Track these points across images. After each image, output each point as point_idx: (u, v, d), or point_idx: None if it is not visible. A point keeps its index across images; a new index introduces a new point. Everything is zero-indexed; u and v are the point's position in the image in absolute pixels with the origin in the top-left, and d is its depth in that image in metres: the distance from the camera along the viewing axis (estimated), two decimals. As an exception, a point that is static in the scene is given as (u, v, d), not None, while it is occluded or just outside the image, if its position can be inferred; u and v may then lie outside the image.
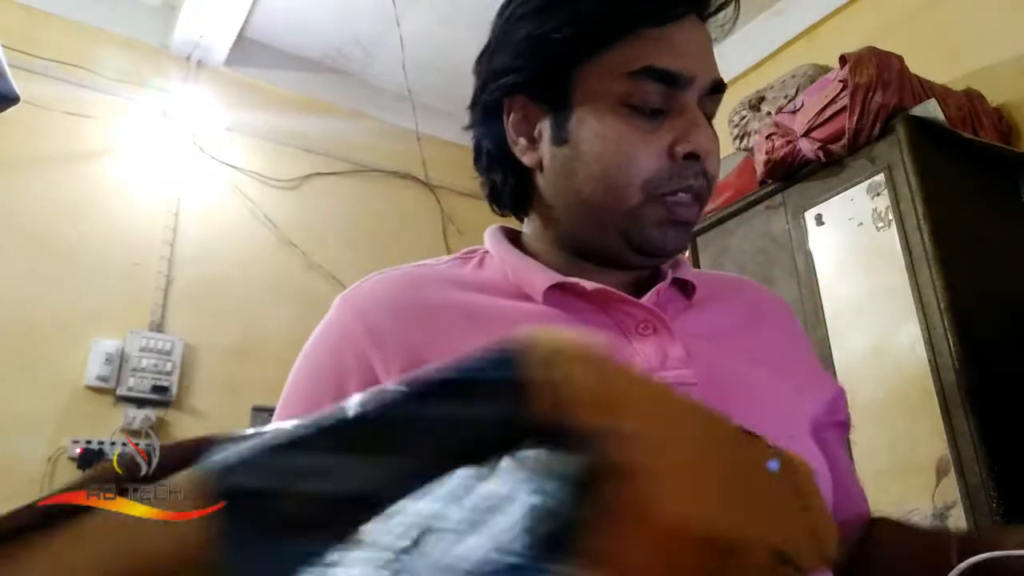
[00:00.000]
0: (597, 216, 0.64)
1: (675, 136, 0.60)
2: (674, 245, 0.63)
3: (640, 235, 0.62)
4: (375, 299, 0.65)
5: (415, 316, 0.62)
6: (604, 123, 0.62)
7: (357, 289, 0.67)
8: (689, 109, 0.61)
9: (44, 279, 2.08)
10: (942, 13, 1.95)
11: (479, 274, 0.68)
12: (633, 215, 0.61)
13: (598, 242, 0.65)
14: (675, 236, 0.62)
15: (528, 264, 0.65)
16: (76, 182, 2.21)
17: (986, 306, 1.43)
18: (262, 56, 2.66)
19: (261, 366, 2.33)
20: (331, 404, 0.63)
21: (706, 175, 0.62)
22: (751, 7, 2.43)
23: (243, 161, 2.56)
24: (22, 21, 2.23)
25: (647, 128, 0.61)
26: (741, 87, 2.45)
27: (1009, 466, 1.28)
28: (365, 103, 2.83)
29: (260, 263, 2.48)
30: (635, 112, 0.61)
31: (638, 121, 0.61)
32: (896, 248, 1.46)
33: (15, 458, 1.91)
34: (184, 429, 2.17)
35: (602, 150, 0.62)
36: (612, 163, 0.61)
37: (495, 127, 0.68)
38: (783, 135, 1.71)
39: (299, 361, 0.66)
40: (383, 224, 2.80)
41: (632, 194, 0.61)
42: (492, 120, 0.68)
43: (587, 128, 0.62)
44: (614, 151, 0.61)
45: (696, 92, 0.61)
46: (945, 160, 1.53)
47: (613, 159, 0.61)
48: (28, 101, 1.66)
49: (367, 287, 0.67)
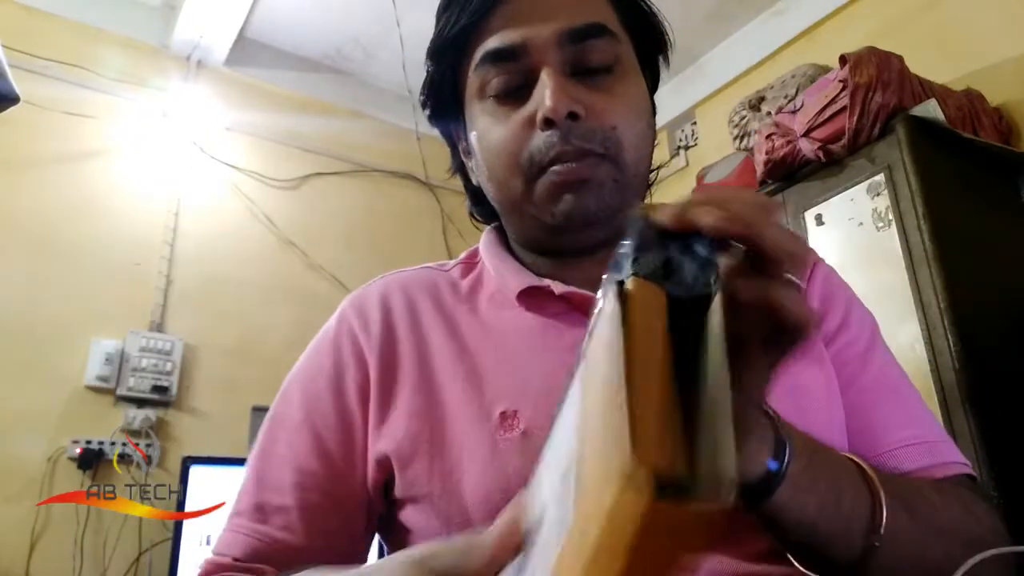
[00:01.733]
0: (510, 213, 0.65)
1: (535, 109, 0.58)
2: (581, 208, 0.58)
3: (543, 211, 0.60)
4: (375, 300, 0.66)
5: (406, 320, 0.64)
6: (478, 124, 0.63)
7: (363, 291, 0.69)
8: (538, 74, 0.58)
9: (44, 279, 2.08)
10: (942, 13, 1.95)
11: (476, 281, 0.69)
12: (527, 198, 0.60)
13: (531, 236, 0.65)
14: (575, 199, 0.58)
15: (508, 267, 0.66)
16: (76, 182, 2.21)
17: (986, 306, 1.43)
18: (262, 56, 2.66)
19: (261, 366, 2.32)
20: (330, 400, 0.63)
21: (588, 132, 0.57)
22: (751, 7, 2.43)
23: (243, 161, 2.56)
24: (22, 21, 2.23)
25: (510, 111, 0.60)
26: (741, 87, 2.45)
27: (1009, 466, 1.28)
28: (365, 103, 2.83)
29: (260, 263, 2.48)
30: (496, 100, 0.60)
31: (501, 108, 0.60)
32: (896, 248, 1.46)
33: (15, 458, 1.91)
34: (184, 429, 2.17)
35: (483, 149, 0.63)
36: (493, 158, 0.61)
37: (454, 149, 0.71)
38: (783, 135, 1.71)
39: (302, 359, 0.67)
40: (383, 224, 2.80)
41: (516, 179, 0.60)
42: (452, 144, 0.71)
43: (474, 135, 0.64)
44: (488, 146, 0.61)
45: (543, 54, 0.58)
46: (945, 160, 1.53)
47: (491, 154, 0.61)
48: (28, 101, 1.65)
49: (372, 289, 0.69)
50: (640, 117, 0.62)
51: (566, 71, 0.58)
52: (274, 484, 0.59)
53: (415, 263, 0.75)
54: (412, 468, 0.56)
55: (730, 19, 2.48)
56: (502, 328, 0.62)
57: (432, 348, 0.62)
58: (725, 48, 2.57)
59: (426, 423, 0.58)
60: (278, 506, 0.58)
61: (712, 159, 2.27)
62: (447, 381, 0.60)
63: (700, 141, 2.69)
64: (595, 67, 0.59)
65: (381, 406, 0.60)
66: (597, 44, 0.59)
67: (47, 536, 1.88)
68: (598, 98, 0.58)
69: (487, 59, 0.60)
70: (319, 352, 0.65)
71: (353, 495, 0.59)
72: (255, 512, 0.59)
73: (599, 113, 0.58)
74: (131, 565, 1.95)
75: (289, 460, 0.60)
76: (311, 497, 0.58)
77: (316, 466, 0.59)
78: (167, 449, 2.11)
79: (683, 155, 2.72)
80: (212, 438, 2.18)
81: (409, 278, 0.69)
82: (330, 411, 0.61)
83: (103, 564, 1.92)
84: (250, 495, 0.60)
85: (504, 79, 0.59)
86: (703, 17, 2.45)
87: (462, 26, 0.60)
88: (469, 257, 0.73)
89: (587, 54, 0.59)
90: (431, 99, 0.68)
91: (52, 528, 1.89)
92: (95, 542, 1.93)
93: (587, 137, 0.57)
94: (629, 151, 0.59)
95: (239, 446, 2.23)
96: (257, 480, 0.61)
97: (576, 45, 0.58)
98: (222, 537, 0.60)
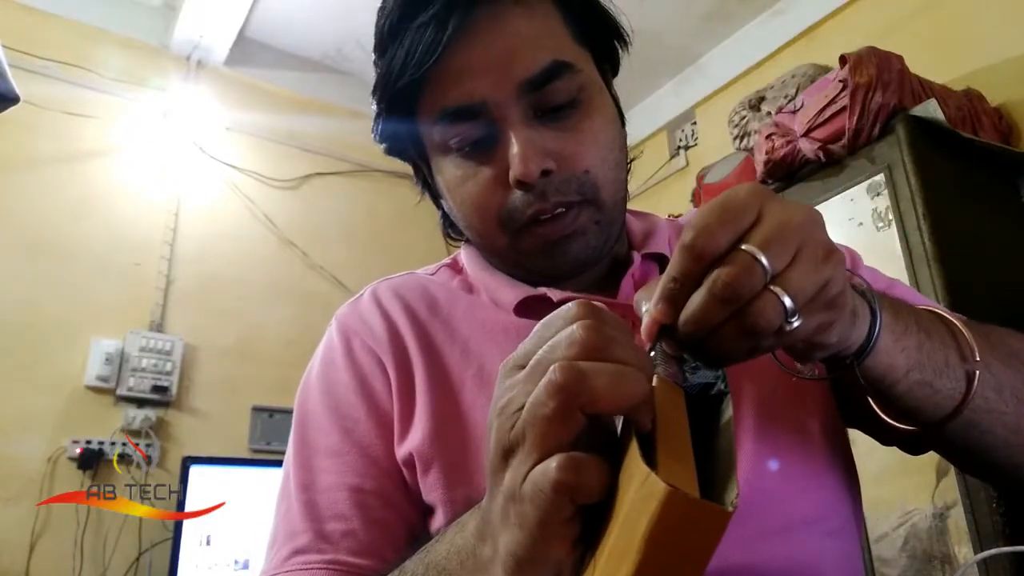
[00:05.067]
0: (493, 255, 0.64)
1: (504, 165, 0.56)
2: (570, 260, 0.59)
3: (530, 265, 0.60)
4: (372, 308, 0.66)
5: (407, 323, 0.64)
6: (445, 173, 0.61)
7: (353, 303, 0.68)
8: (504, 132, 0.56)
9: (44, 279, 2.08)
10: (942, 13, 1.95)
11: (465, 283, 0.69)
12: (512, 251, 0.60)
13: (518, 274, 0.64)
14: (565, 254, 0.58)
15: (499, 282, 0.65)
16: (76, 182, 2.21)
17: (986, 306, 1.43)
18: (262, 56, 2.66)
19: (261, 366, 2.33)
20: (363, 410, 0.61)
21: (563, 184, 0.56)
22: (751, 7, 2.43)
23: (243, 161, 2.56)
24: (22, 21, 2.23)
25: (477, 166, 0.58)
26: (741, 87, 2.45)
27: (1009, 466, 1.28)
28: (365, 103, 2.79)
29: (260, 263, 2.48)
30: (461, 154, 0.58)
31: (467, 163, 0.58)
32: (896, 248, 1.46)
33: (15, 458, 1.91)
34: (184, 429, 2.17)
35: (454, 199, 0.62)
36: (468, 211, 0.60)
37: (421, 176, 0.69)
38: (783, 135, 1.71)
39: (315, 384, 0.64)
40: (383, 224, 2.80)
41: (498, 235, 0.59)
42: (417, 171, 0.69)
43: (440, 180, 0.63)
44: (460, 200, 0.60)
45: (504, 109, 0.56)
46: (945, 160, 1.53)
47: (465, 208, 0.60)
48: (28, 101, 1.66)
49: (363, 299, 0.68)
50: (611, 147, 0.60)
51: (530, 118, 0.56)
52: (331, 512, 0.56)
53: (415, 263, 0.75)
54: (433, 469, 0.56)
55: (730, 19, 2.48)
56: (503, 327, 0.62)
57: (438, 349, 0.61)
58: (725, 48, 2.57)
59: (445, 423, 0.57)
60: (344, 531, 0.55)
61: (712, 159, 2.27)
62: (458, 381, 0.59)
63: (700, 141, 2.69)
64: (559, 106, 0.57)
65: (404, 408, 0.59)
66: (559, 85, 0.56)
67: (47, 536, 1.88)
68: (567, 143, 0.57)
69: (445, 118, 0.57)
70: (335, 369, 0.63)
71: (409, 496, 0.58)
72: (321, 543, 0.55)
73: (570, 160, 0.57)
74: (131, 565, 1.95)
75: (340, 484, 0.57)
76: (374, 513, 0.56)
77: (369, 480, 0.57)
78: (167, 449, 2.11)
79: (683, 155, 2.72)
80: (212, 438, 2.18)
81: (398, 284, 0.68)
82: (367, 420, 0.60)
83: (103, 564, 1.92)
84: (307, 532, 0.56)
85: (467, 135, 0.57)
86: (703, 17, 2.45)
87: (411, 78, 0.56)
88: (454, 261, 0.72)
89: (550, 97, 0.57)
90: (386, 141, 0.66)
91: (52, 528, 1.89)
92: (95, 542, 1.93)
93: (563, 189, 0.56)
94: (605, 187, 0.59)
95: (239, 446, 2.23)
96: (309, 515, 0.57)
97: (537, 92, 0.56)
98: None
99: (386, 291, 0.67)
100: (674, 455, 0.31)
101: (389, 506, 0.57)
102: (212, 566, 1.88)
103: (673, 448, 0.31)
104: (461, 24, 0.54)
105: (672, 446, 0.31)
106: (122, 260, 2.22)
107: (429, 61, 0.55)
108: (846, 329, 0.42)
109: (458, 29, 0.54)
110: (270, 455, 2.22)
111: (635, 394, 0.32)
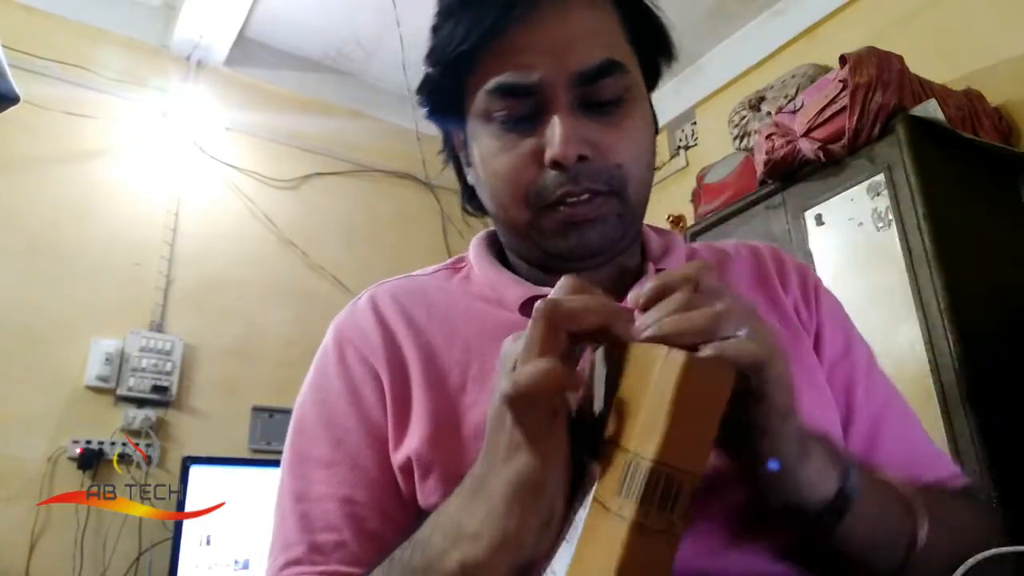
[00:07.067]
0: (510, 231, 0.65)
1: (543, 144, 0.58)
2: (586, 244, 0.60)
3: (546, 244, 0.61)
4: (367, 313, 0.66)
5: (403, 327, 0.64)
6: (481, 143, 0.62)
7: (349, 310, 0.69)
8: (549, 114, 0.58)
9: (44, 279, 2.08)
10: (942, 13, 1.95)
11: (464, 282, 0.69)
12: (532, 227, 0.61)
13: (530, 255, 0.65)
14: (582, 237, 0.60)
15: (503, 277, 0.66)
16: (76, 182, 2.21)
17: (986, 306, 1.43)
18: (262, 56, 2.66)
19: (261, 366, 2.33)
20: (354, 419, 0.63)
21: (595, 172, 0.58)
22: (751, 7, 2.43)
23: (243, 161, 2.56)
24: (22, 21, 2.23)
25: (517, 140, 0.59)
26: (741, 87, 2.45)
27: (1009, 466, 1.29)
28: (365, 103, 2.83)
29: (260, 263, 2.48)
30: (503, 127, 0.60)
31: (508, 135, 0.60)
32: (896, 248, 1.46)
33: (15, 458, 1.91)
34: (184, 429, 2.17)
35: (485, 169, 0.63)
36: (498, 183, 0.61)
37: (450, 146, 0.71)
38: (783, 135, 1.71)
39: (309, 394, 0.65)
40: (383, 224, 2.80)
41: (520, 209, 0.61)
42: (448, 140, 0.71)
43: (476, 148, 0.64)
44: (492, 170, 0.62)
45: (555, 93, 0.58)
46: (945, 160, 1.53)
47: (496, 178, 0.61)
48: (28, 101, 1.66)
49: (359, 305, 0.68)
50: (645, 148, 0.63)
51: (576, 107, 0.59)
52: (323, 524, 0.57)
53: (415, 263, 0.75)
54: (432, 473, 0.56)
55: (730, 19, 2.48)
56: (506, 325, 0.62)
57: (436, 351, 0.62)
58: (725, 48, 2.57)
59: (444, 426, 0.57)
60: (336, 543, 0.56)
61: (712, 159, 2.27)
62: (458, 382, 0.59)
63: (700, 141, 2.69)
64: (605, 101, 0.59)
65: (399, 415, 0.59)
66: (608, 82, 0.59)
67: (47, 536, 1.88)
68: (605, 135, 0.59)
69: (498, 91, 0.59)
70: (327, 378, 0.64)
71: (403, 504, 0.58)
72: (313, 554, 0.56)
73: (606, 151, 0.59)
74: (131, 565, 1.95)
75: (332, 495, 0.58)
76: (366, 524, 0.57)
77: (360, 491, 0.58)
78: (167, 449, 2.11)
79: (683, 155, 2.72)
80: (212, 438, 2.18)
81: (394, 287, 0.69)
82: (358, 429, 0.60)
83: (103, 564, 1.92)
84: (300, 543, 0.57)
85: (514, 110, 0.59)
86: (703, 17, 2.45)
87: (473, 43, 0.58)
88: (453, 263, 0.73)
89: (598, 92, 0.59)
90: (430, 102, 0.68)
91: (52, 528, 1.89)
92: (95, 542, 1.93)
93: (594, 177, 0.58)
94: (633, 185, 0.60)
95: (239, 446, 2.23)
96: (303, 526, 0.58)
97: (588, 86, 0.58)
98: None
99: (383, 295, 0.67)
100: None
101: (382, 516, 0.57)
102: (212, 566, 1.87)
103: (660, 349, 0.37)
104: (529, 5, 0.57)
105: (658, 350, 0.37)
106: (122, 260, 2.22)
107: (496, 33, 0.57)
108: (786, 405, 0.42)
109: (526, 9, 0.57)
110: (270, 455, 2.22)
111: (610, 310, 0.39)
